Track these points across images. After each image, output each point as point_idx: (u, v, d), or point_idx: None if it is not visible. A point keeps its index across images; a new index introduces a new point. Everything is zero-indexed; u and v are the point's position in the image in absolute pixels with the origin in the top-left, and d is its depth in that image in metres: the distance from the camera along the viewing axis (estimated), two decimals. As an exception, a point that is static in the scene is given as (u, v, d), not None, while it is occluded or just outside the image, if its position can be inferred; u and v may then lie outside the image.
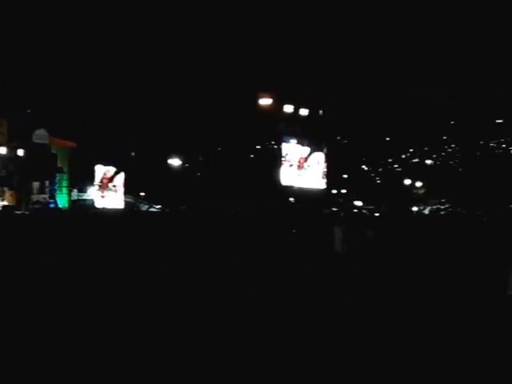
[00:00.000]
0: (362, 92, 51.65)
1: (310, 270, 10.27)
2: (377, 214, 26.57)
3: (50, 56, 40.50)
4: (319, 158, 31.04)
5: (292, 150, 29.91)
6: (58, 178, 31.32)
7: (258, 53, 49.20)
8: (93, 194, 33.06)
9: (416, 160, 58.54)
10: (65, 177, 31.83)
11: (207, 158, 42.69)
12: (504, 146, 58.31)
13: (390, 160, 58.92)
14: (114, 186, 33.14)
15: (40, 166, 30.31)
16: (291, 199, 31.55)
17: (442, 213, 37.37)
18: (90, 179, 33.04)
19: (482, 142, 57.88)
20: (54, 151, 31.29)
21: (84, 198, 33.34)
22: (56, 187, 30.98)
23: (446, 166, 55.94)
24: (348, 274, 10.29)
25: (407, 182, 47.05)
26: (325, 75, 46.92)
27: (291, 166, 29.66)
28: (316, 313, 6.82)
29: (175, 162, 37.70)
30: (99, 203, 32.07)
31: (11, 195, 30.23)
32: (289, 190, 30.34)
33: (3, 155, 29.41)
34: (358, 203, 42.17)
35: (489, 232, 14.65)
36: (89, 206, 31.78)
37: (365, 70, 53.76)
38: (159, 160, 38.23)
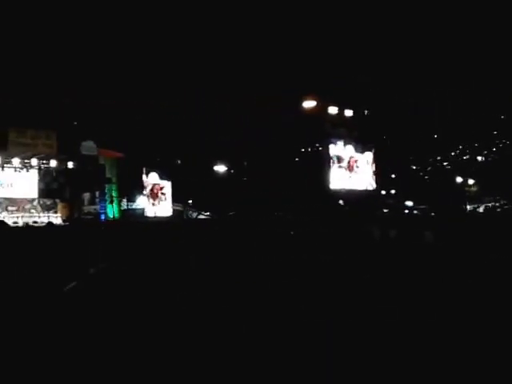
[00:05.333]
0: (406, 90, 50.42)
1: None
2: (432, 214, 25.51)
3: (96, 69, 41.35)
4: (368, 158, 30.14)
5: (341, 151, 29.20)
6: (107, 189, 31.65)
7: (300, 55, 48.73)
8: (142, 202, 33.37)
9: (466, 157, 56.53)
10: (114, 187, 32.12)
11: (252, 162, 42.40)
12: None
13: (438, 158, 57.12)
14: (163, 193, 33.41)
15: (89, 178, 30.73)
16: (341, 202, 30.81)
17: (499, 210, 35.87)
18: (137, 188, 33.37)
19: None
20: (101, 162, 31.62)
21: (134, 207, 33.73)
22: (106, 197, 31.34)
23: (498, 162, 53.59)
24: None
25: (459, 179, 45.32)
26: (367, 75, 46.04)
27: (340, 167, 28.94)
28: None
29: (221, 168, 37.60)
30: (150, 212, 32.35)
31: (64, 207, 30.84)
32: (338, 193, 29.60)
33: (54, 168, 30.00)
34: (409, 203, 40.86)
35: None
36: (139, 214, 32.10)
37: (406, 67, 52.52)
38: (205, 167, 38.20)
